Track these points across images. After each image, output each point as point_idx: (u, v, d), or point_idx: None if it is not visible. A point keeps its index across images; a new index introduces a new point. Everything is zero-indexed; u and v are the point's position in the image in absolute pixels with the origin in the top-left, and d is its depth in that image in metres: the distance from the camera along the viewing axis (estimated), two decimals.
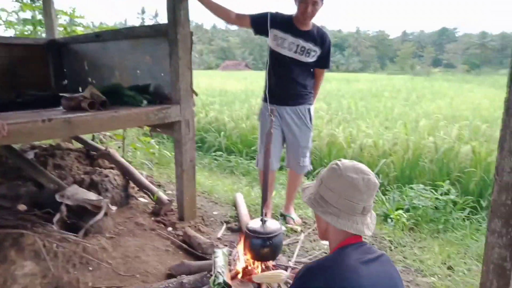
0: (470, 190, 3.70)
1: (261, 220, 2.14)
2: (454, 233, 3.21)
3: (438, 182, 3.63)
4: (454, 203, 3.53)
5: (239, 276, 2.11)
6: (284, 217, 3.32)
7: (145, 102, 2.86)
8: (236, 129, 5.80)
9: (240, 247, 2.26)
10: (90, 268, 2.30)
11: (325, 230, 1.31)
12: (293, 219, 3.29)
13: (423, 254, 2.88)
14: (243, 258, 2.18)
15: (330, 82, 16.84)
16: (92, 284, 2.18)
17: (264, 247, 2.06)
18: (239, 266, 2.15)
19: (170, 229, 2.93)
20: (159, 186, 3.88)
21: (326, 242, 3.13)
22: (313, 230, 3.21)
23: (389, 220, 3.44)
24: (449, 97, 11.22)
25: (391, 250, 2.96)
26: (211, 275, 2.09)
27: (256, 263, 2.17)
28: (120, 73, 3.51)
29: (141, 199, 3.40)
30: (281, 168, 3.87)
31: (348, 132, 5.09)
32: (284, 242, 2.80)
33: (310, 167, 3.27)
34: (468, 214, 3.50)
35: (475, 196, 3.66)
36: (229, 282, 1.95)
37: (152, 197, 3.23)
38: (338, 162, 1.27)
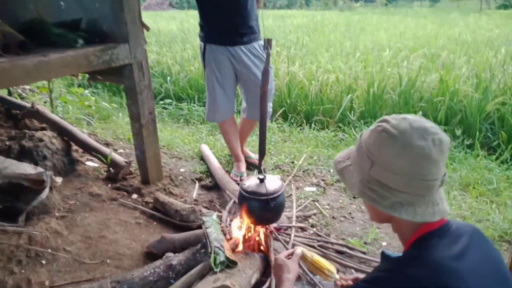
0: (438, 120, 3.66)
1: (259, 178, 1.77)
2: None
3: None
4: None
5: (240, 247, 1.77)
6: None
7: (80, 41, 2.19)
8: (183, 73, 5.14)
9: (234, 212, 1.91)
10: (43, 262, 1.80)
11: (387, 219, 0.97)
12: (254, 158, 3.06)
13: None
14: (240, 224, 1.82)
15: (267, 19, 16.08)
16: (51, 283, 1.70)
17: (267, 210, 1.72)
18: (238, 234, 1.80)
19: (135, 196, 2.45)
20: (106, 145, 3.28)
21: (312, 188, 2.95)
22: (293, 177, 2.94)
23: None
24: (384, 29, 11.29)
25: None
26: (207, 251, 1.72)
27: (257, 227, 1.83)
28: (36, 6, 2.68)
29: (90, 163, 2.82)
30: None
31: (308, 68, 4.75)
32: None
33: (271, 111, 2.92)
34: None
35: (442, 124, 3.63)
36: (233, 257, 1.61)
37: (104, 159, 2.66)
38: (388, 127, 0.87)
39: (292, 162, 3.21)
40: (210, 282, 1.48)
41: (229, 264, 1.57)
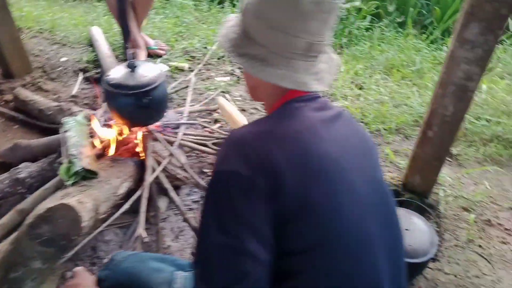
0: None
1: (129, 65, 1.35)
2: (359, 46, 2.87)
3: None
4: (357, 10, 3.10)
5: (111, 151, 1.44)
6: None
7: None
8: None
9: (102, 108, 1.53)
10: None
11: (254, 86, 0.84)
12: (155, 48, 2.56)
13: None
14: (109, 124, 1.47)
15: None
16: None
17: (140, 108, 1.35)
18: (107, 136, 1.46)
19: None
20: None
21: (224, 78, 2.57)
22: (204, 65, 2.53)
23: None
24: None
25: None
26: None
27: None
28: None
29: None
30: None
31: None
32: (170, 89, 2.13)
33: None
34: (371, 22, 3.15)
35: None
36: (93, 166, 1.28)
37: None
38: None
39: (205, 48, 2.75)
40: (57, 198, 1.17)
41: (86, 175, 1.26)
